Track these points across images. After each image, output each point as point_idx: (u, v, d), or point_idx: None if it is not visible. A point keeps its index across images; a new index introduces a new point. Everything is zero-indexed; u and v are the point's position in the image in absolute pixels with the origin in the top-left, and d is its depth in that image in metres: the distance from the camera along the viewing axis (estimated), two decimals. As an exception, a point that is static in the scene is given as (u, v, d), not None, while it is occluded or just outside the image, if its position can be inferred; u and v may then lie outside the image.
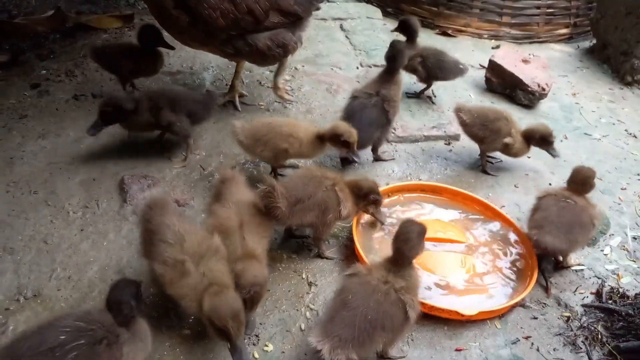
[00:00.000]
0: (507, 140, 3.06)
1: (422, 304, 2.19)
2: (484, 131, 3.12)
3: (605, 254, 2.69)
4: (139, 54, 3.50)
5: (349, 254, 2.54)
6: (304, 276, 2.42)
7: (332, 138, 2.80)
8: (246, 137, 2.84)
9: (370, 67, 4.41)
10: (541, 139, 3.08)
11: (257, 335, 2.15)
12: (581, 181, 2.59)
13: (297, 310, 2.26)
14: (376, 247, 2.56)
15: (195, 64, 4.13)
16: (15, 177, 2.85)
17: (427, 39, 5.06)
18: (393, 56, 3.18)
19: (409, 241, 1.97)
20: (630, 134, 3.80)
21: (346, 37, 4.87)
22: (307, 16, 3.48)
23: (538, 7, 5.06)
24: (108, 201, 2.74)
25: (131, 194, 2.76)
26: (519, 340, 2.22)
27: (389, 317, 1.89)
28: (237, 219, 2.22)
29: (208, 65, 4.11)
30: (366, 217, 2.72)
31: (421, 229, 2.02)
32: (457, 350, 2.15)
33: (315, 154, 2.97)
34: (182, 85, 3.82)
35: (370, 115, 3.06)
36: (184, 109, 3.02)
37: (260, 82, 3.95)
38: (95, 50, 3.54)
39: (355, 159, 2.88)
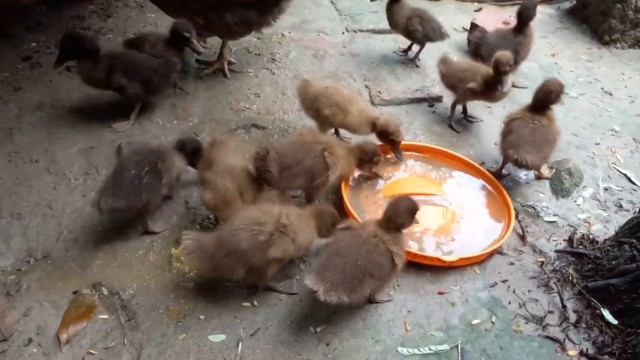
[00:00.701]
0: (470, 85, 3.20)
1: (407, 251, 2.37)
2: (454, 80, 3.32)
3: (578, 204, 2.87)
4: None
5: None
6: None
7: (381, 132, 2.88)
8: (304, 94, 2.95)
9: (356, 32, 4.50)
10: (495, 69, 3.10)
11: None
12: (543, 95, 2.89)
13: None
14: (364, 207, 2.71)
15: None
16: (16, 147, 2.95)
17: (411, 2, 5.13)
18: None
19: (398, 216, 2.15)
20: (606, 92, 3.95)
21: (331, 2, 4.93)
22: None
23: (520, -31, 5.11)
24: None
25: (129, 160, 2.87)
26: (497, 283, 2.41)
27: (377, 266, 2.07)
28: (235, 186, 2.36)
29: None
30: (355, 175, 2.87)
31: (411, 206, 2.17)
32: (439, 293, 2.34)
33: (363, 133, 2.96)
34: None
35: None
36: (139, 75, 3.10)
37: (248, 50, 4.03)
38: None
39: (398, 157, 2.93)
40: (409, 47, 4.14)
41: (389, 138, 2.87)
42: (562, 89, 2.89)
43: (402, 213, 2.14)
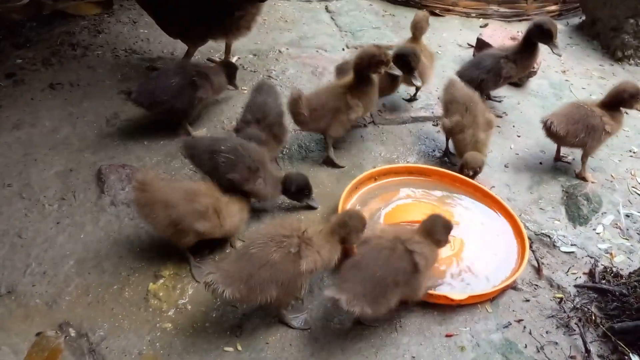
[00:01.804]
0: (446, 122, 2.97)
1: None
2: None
3: (597, 233, 2.63)
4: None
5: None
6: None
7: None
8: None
9: (357, 48, 4.29)
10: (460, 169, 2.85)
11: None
12: (614, 93, 2.88)
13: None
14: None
15: (176, 49, 4.01)
16: (-12, 170, 2.75)
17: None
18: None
19: (435, 232, 2.08)
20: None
21: (332, 18, 4.76)
22: None
23: (526, -16, 4.95)
24: (85, 192, 2.65)
25: (109, 184, 2.66)
26: (511, 323, 2.15)
27: (398, 271, 1.94)
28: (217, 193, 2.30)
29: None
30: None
31: (448, 224, 2.11)
32: (447, 336, 2.09)
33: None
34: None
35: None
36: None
37: (244, 67, 3.84)
38: None
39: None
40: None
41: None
42: (637, 92, 2.83)
43: (439, 229, 2.08)
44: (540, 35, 3.24)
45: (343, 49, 4.24)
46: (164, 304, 2.15)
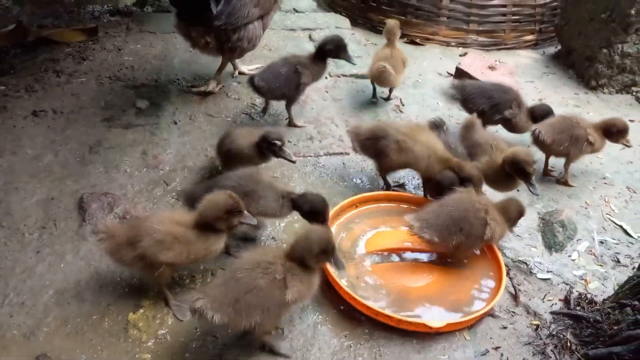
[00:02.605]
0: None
1: (389, 317, 2.16)
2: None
3: (573, 260, 2.68)
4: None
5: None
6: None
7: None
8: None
9: (339, 76, 4.40)
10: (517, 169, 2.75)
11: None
12: (608, 128, 3.17)
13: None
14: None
15: (160, 76, 4.05)
16: (-32, 199, 2.74)
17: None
18: None
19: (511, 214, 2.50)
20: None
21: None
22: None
23: (504, 14, 5.11)
24: (66, 221, 2.64)
25: (90, 212, 2.67)
26: (488, 351, 2.18)
27: (468, 223, 2.35)
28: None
29: (174, 78, 4.03)
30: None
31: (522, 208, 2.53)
32: (426, 364, 2.11)
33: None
34: (147, 98, 3.73)
35: None
36: None
37: (227, 94, 3.89)
38: None
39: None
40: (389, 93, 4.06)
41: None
42: (624, 129, 3.15)
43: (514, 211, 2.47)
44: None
45: (326, 78, 4.32)
46: (143, 335, 2.14)
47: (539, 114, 3.37)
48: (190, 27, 3.57)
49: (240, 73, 4.11)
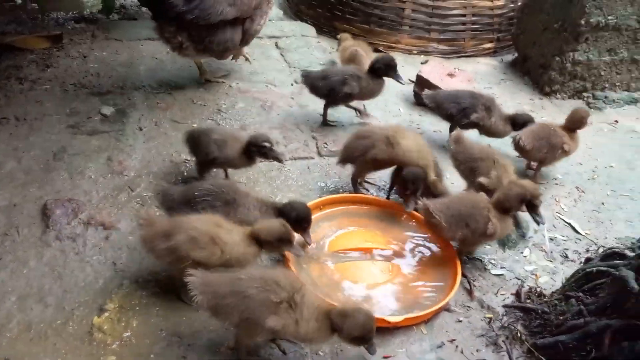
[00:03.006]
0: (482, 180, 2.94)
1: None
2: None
3: (525, 256, 2.82)
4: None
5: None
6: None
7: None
8: None
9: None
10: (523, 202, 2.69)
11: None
12: (575, 120, 3.35)
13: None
14: (308, 264, 2.59)
15: (126, 83, 4.07)
16: None
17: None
18: None
19: (507, 200, 2.56)
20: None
21: (281, 54, 4.92)
22: None
23: (464, 24, 5.30)
24: (29, 227, 2.65)
25: (54, 218, 2.68)
26: (444, 344, 2.29)
27: (474, 220, 2.50)
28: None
29: (139, 85, 4.06)
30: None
31: (523, 193, 2.59)
32: (384, 357, 2.20)
33: None
34: (112, 105, 3.75)
35: None
36: None
37: (193, 100, 3.93)
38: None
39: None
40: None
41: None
42: (587, 115, 3.36)
43: (511, 198, 2.54)
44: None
45: (292, 84, 4.40)
46: (108, 337, 2.17)
47: (520, 121, 3.54)
48: (164, 26, 3.61)
49: (206, 80, 4.16)
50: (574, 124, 3.36)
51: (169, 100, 3.91)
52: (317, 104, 4.13)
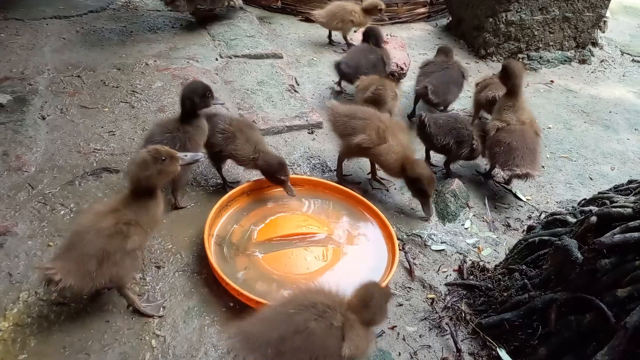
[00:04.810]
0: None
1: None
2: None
3: (466, 228, 2.69)
4: None
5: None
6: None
7: None
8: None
9: (231, 57, 4.17)
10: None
11: (93, 376, 1.86)
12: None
13: (140, 339, 1.99)
14: (234, 258, 2.34)
15: (27, 67, 3.63)
16: None
17: (290, 25, 4.93)
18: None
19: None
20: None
21: (204, 27, 4.57)
22: None
23: (394, -12, 5.09)
24: None
25: None
26: (384, 332, 2.12)
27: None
28: None
29: (43, 69, 3.63)
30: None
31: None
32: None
33: None
34: (10, 93, 3.32)
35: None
36: None
37: (105, 82, 3.55)
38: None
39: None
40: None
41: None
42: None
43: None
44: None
45: (216, 59, 4.08)
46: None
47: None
48: None
49: None
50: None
51: (76, 83, 3.52)
52: (244, 79, 3.85)
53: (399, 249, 2.37)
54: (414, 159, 2.65)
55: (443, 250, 2.53)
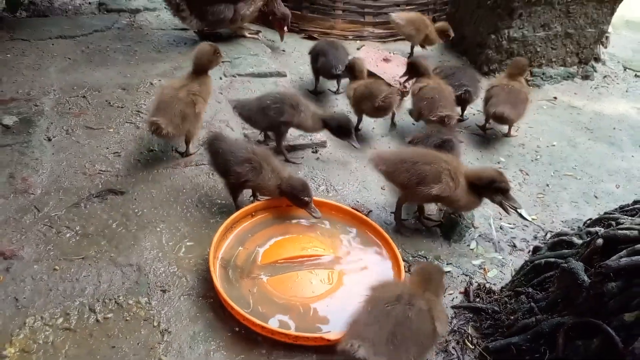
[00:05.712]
0: None
1: (286, 334, 2.03)
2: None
3: (471, 249, 2.68)
4: None
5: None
6: (155, 324, 2.14)
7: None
8: None
9: (235, 76, 4.19)
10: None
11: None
12: (519, 68, 3.77)
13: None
14: (238, 280, 2.34)
15: (33, 88, 3.66)
16: None
17: (293, 43, 4.97)
18: None
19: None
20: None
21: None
22: None
23: (397, 5, 5.13)
24: None
25: (-60, 251, 2.31)
26: (391, 356, 2.10)
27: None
28: None
29: (49, 89, 3.66)
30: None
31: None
32: (326, 380, 1.99)
33: None
34: (16, 114, 3.35)
35: None
36: None
37: (110, 103, 3.57)
38: None
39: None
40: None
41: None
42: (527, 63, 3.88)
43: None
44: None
45: (220, 78, 4.11)
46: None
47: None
48: None
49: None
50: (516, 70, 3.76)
51: (82, 104, 3.54)
52: (248, 97, 3.86)
53: (405, 271, 2.36)
54: (478, 177, 2.58)
55: (449, 272, 2.52)
